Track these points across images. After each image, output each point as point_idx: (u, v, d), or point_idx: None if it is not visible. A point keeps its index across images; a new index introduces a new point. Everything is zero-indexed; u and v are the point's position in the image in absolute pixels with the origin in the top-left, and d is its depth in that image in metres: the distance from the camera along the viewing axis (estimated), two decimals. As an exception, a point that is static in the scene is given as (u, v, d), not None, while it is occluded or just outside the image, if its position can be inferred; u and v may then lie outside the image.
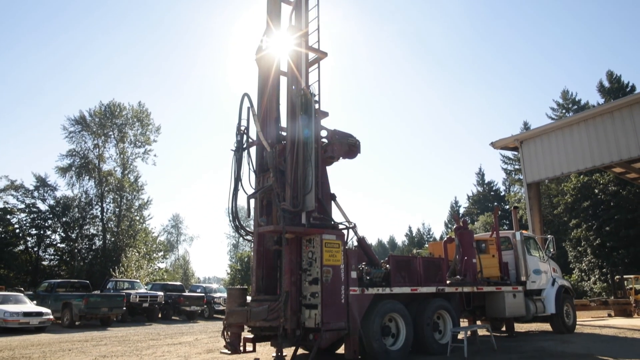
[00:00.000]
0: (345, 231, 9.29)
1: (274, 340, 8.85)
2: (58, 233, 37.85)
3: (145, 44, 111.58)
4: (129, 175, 40.23)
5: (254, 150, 10.19)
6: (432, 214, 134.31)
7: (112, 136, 40.31)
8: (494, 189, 63.93)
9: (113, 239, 38.12)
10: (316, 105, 9.39)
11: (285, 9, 10.55)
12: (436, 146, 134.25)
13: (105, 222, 38.75)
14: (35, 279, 33.38)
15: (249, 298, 9.74)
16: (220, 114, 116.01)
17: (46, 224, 37.11)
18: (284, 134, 9.74)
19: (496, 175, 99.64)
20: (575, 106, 49.10)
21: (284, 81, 10.12)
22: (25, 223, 36.71)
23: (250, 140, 10.00)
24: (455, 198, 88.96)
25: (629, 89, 42.86)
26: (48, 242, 37.68)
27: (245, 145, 9.85)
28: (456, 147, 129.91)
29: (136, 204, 40.52)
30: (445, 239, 12.98)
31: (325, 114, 9.82)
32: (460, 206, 72.35)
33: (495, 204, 53.93)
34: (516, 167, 52.69)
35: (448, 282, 10.72)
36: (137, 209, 40.51)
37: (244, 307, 9.04)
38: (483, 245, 12.77)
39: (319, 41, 10.00)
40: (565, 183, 38.32)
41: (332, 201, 9.54)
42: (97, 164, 39.24)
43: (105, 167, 39.79)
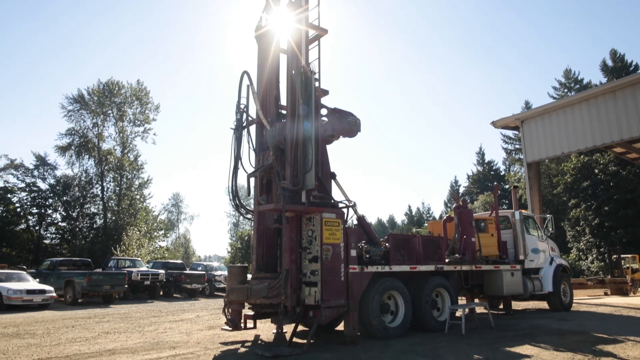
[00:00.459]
0: (345, 210, 9.32)
1: (274, 317, 8.98)
2: (59, 212, 38.09)
3: (144, 23, 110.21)
4: (129, 154, 40.20)
5: (253, 128, 10.15)
6: (432, 193, 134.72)
7: (111, 115, 40.13)
8: (494, 168, 63.90)
9: (114, 218, 38.30)
10: (316, 84, 9.31)
11: (285, -15, 10.35)
12: (437, 125, 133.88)
13: (105, 201, 38.88)
14: (37, 258, 33.67)
15: (249, 276, 9.83)
16: (220, 92, 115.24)
17: (47, 203, 37.27)
18: (284, 112, 9.68)
19: (496, 155, 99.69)
20: (578, 85, 48.71)
21: (283, 59, 10.01)
22: (26, 202, 36.90)
23: (250, 118, 9.95)
24: (455, 177, 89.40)
25: (632, 68, 42.43)
26: (49, 221, 37.93)
27: (245, 124, 9.80)
28: (457, 127, 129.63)
29: (136, 182, 40.63)
30: (444, 217, 13.02)
31: (325, 92, 9.74)
32: (460, 185, 72.60)
33: (495, 183, 53.95)
34: (517, 147, 52.58)
35: (447, 261, 10.80)
36: (137, 187, 40.63)
37: (244, 285, 9.13)
38: (482, 224, 12.83)
39: (319, 18, 9.85)
40: (566, 163, 38.31)
41: (332, 180, 9.54)
42: (97, 142, 39.16)
43: (105, 146, 39.78)
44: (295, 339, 8.62)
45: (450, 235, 12.10)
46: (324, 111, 9.55)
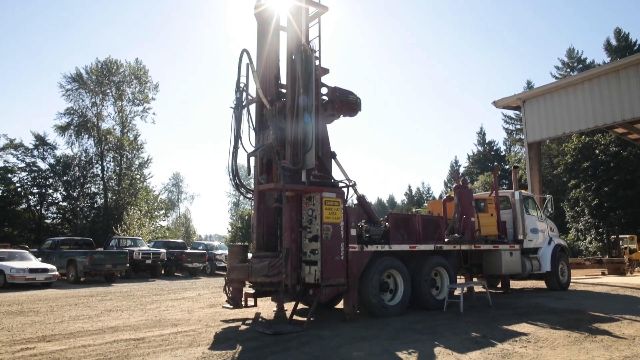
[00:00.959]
0: (345, 189, 9.31)
1: (274, 295, 9.07)
2: (59, 192, 38.13)
3: (144, 2, 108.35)
4: (128, 134, 40.01)
5: (253, 107, 10.07)
6: (432, 173, 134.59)
7: (110, 94, 39.78)
8: (494, 148, 63.81)
9: (114, 198, 38.37)
10: (316, 62, 9.20)
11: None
12: (437, 105, 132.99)
13: (106, 181, 38.89)
14: (39, 237, 33.87)
15: (250, 255, 9.90)
16: (219, 70, 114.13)
17: (47, 183, 37.30)
18: (284, 91, 9.59)
19: (497, 135, 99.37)
20: (581, 65, 48.24)
21: (283, 37, 9.88)
22: (26, 182, 36.89)
23: (249, 97, 9.86)
24: (455, 157, 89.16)
25: (636, 48, 41.94)
26: (50, 201, 38.01)
27: (244, 103, 9.72)
28: (457, 107, 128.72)
29: (136, 162, 40.53)
30: (444, 197, 13.05)
31: (325, 71, 9.63)
32: (460, 165, 72.58)
33: (496, 163, 53.94)
34: (518, 127, 52.41)
35: (446, 240, 10.86)
36: (138, 167, 40.56)
37: (245, 264, 9.21)
38: (482, 204, 12.86)
39: (319, -6, 9.68)
40: (566, 143, 38.21)
41: (332, 159, 9.51)
42: (96, 122, 38.94)
43: (104, 126, 39.54)
44: (295, 317, 8.73)
45: (449, 215, 12.13)
46: (324, 90, 9.48)
